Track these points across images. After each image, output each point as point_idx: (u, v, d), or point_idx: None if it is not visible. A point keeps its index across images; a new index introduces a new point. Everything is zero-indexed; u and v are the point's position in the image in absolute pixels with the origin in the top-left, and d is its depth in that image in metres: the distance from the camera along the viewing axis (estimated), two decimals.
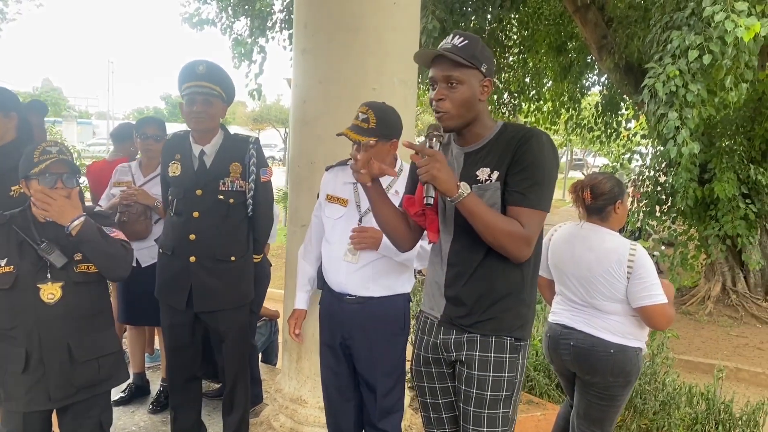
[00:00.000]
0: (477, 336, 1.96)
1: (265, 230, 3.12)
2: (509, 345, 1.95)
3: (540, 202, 1.85)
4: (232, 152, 2.94)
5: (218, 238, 2.92)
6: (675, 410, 3.85)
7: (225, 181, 2.90)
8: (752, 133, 8.20)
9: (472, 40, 1.91)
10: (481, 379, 1.95)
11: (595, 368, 2.68)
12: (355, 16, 2.94)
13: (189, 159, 2.94)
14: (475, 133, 1.96)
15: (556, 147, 1.92)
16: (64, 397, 2.32)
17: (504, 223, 1.83)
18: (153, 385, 3.95)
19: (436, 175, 1.77)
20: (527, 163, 1.84)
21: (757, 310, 8.40)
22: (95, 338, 2.38)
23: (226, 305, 2.98)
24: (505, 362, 1.95)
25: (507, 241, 1.83)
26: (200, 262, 2.91)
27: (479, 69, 1.89)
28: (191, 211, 2.91)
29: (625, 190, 2.78)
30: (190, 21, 9.84)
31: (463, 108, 1.89)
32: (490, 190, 1.88)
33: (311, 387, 3.22)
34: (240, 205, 2.96)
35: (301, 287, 2.76)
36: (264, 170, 2.99)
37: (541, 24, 10.35)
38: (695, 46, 5.39)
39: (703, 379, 4.64)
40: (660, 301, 2.58)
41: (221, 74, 2.89)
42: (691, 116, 5.69)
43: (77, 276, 2.31)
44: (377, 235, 2.40)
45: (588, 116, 12.20)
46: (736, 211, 7.54)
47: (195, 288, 2.93)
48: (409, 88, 3.10)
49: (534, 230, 1.86)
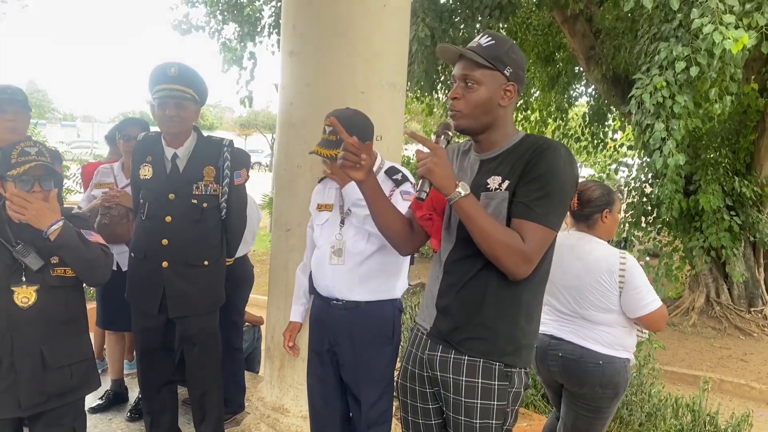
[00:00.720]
0: (464, 358, 1.84)
1: (238, 233, 3.08)
2: (498, 371, 1.82)
3: (547, 217, 1.72)
4: (205, 155, 2.90)
5: (191, 242, 2.88)
6: (661, 422, 3.82)
7: (198, 185, 2.86)
8: (737, 145, 8.27)
9: (499, 41, 1.82)
10: (469, 406, 1.83)
11: (584, 379, 2.64)
12: (344, 18, 2.90)
13: (161, 162, 2.89)
14: (493, 140, 1.86)
15: (575, 161, 1.79)
16: (35, 405, 2.24)
17: (502, 233, 1.71)
18: (131, 392, 3.87)
19: (432, 168, 1.69)
20: (538, 174, 1.72)
21: (741, 322, 8.43)
22: (69, 344, 2.32)
23: (200, 310, 2.94)
24: (494, 390, 1.82)
25: (503, 254, 1.71)
26: (173, 267, 2.87)
27: (502, 72, 1.79)
28: (164, 215, 2.87)
29: (616, 199, 2.72)
30: (179, 28, 9.78)
31: (477, 110, 1.81)
32: (496, 199, 1.78)
33: (294, 396, 3.16)
34: (213, 209, 2.92)
35: (297, 300, 2.74)
36: (238, 173, 2.95)
37: (530, 34, 10.42)
38: (682, 57, 5.41)
39: (687, 390, 4.63)
40: (658, 306, 2.56)
41: (193, 76, 2.85)
42: (678, 127, 5.71)
43: (53, 280, 2.24)
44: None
45: (575, 126, 12.29)
46: (721, 223, 7.58)
47: (168, 293, 2.88)
48: (398, 91, 3.06)
49: (535, 247, 1.72)
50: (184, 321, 2.94)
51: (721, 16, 4.92)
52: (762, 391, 6.48)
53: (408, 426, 2.05)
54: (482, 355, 1.82)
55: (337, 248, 2.45)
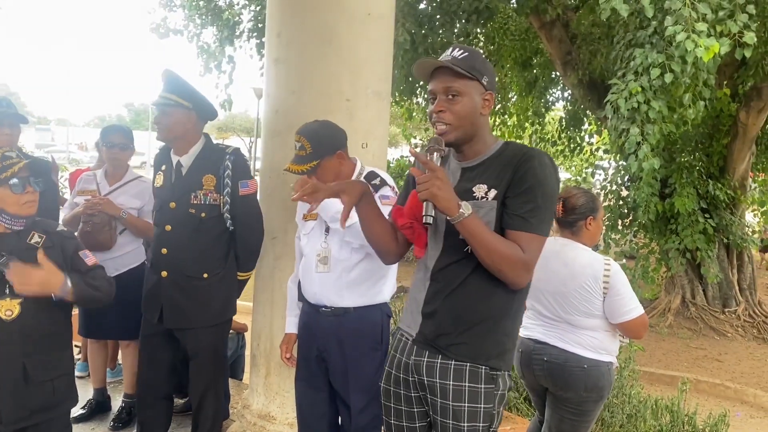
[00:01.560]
0: (451, 363, 1.87)
1: (250, 246, 2.95)
2: (484, 374, 1.85)
3: (541, 226, 1.78)
4: (207, 164, 2.84)
5: (189, 253, 2.82)
6: (641, 423, 3.89)
7: (197, 194, 2.79)
8: (711, 149, 8.45)
9: (472, 52, 1.87)
10: (456, 409, 1.86)
11: (569, 383, 2.68)
12: (329, 26, 2.91)
13: (169, 170, 2.88)
14: (475, 148, 1.90)
15: (556, 167, 1.86)
16: (17, 419, 2.19)
17: (505, 246, 1.75)
18: (114, 401, 3.83)
19: (436, 193, 1.70)
20: (528, 186, 1.76)
21: (716, 323, 8.61)
22: (51, 358, 2.27)
23: (196, 324, 2.87)
24: (480, 393, 1.85)
25: (506, 266, 1.75)
26: (171, 278, 2.83)
27: (480, 81, 1.84)
28: (164, 224, 2.84)
29: (600, 206, 2.78)
30: (158, 31, 9.71)
31: (464, 120, 1.83)
32: (485, 208, 1.81)
33: (280, 403, 3.16)
34: (213, 220, 2.83)
35: (291, 311, 2.71)
36: (244, 183, 2.84)
37: (507, 39, 10.52)
38: (657, 64, 5.52)
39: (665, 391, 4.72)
40: (639, 313, 2.62)
41: (178, 82, 2.81)
42: (653, 132, 5.82)
43: None
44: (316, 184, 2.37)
45: (552, 131, 12.46)
46: (696, 226, 7.74)
47: (165, 304, 2.85)
48: (383, 99, 3.08)
49: (535, 256, 1.78)
50: (181, 333, 2.90)
51: (693, 24, 5.03)
52: (737, 390, 6.61)
53: (391, 429, 2.06)
54: (469, 359, 1.85)
55: (323, 256, 2.47)
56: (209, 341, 2.93)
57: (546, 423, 2.88)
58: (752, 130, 8.10)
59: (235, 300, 3.04)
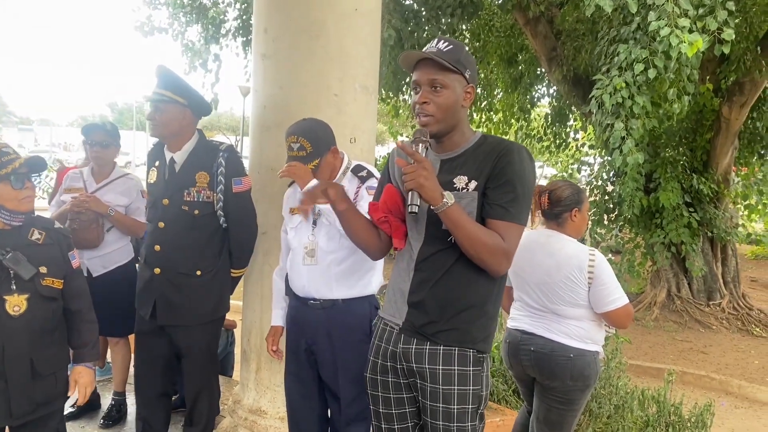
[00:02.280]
0: (440, 348, 1.92)
1: (244, 243, 2.95)
2: (472, 357, 1.92)
3: (520, 215, 1.85)
4: (200, 161, 2.83)
5: (182, 250, 2.82)
6: (628, 413, 3.93)
7: (190, 191, 2.79)
8: (694, 144, 8.53)
9: (456, 45, 1.90)
10: (446, 393, 1.91)
11: (555, 373, 2.72)
12: (317, 21, 2.92)
13: (163, 167, 2.87)
14: (454, 140, 1.95)
15: (533, 159, 1.93)
16: (25, 413, 2.24)
17: (486, 236, 1.81)
18: (104, 399, 3.82)
19: (423, 183, 1.75)
20: (508, 177, 1.83)
21: (701, 315, 8.69)
22: (55, 352, 2.33)
23: (189, 321, 2.87)
24: (469, 375, 1.92)
25: (487, 255, 1.82)
26: (164, 275, 2.82)
27: (463, 74, 1.88)
28: (157, 220, 2.84)
29: (585, 198, 2.82)
30: (142, 29, 9.65)
31: (446, 112, 1.88)
32: (466, 199, 1.86)
33: (271, 398, 3.17)
34: (207, 217, 2.82)
35: (277, 304, 2.73)
36: (238, 180, 2.83)
37: (492, 36, 10.55)
38: (641, 59, 5.57)
39: (651, 383, 4.75)
40: (624, 303, 2.65)
41: (172, 78, 2.82)
42: (637, 127, 5.87)
43: (43, 289, 2.24)
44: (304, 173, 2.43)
45: (537, 127, 12.50)
46: (680, 220, 7.81)
47: (158, 300, 2.84)
48: (370, 94, 3.10)
49: (514, 244, 1.85)
50: (173, 330, 2.89)
51: (676, 19, 5.08)
52: (722, 381, 6.69)
53: (379, 418, 2.09)
54: (457, 343, 1.92)
55: (310, 249, 2.49)
56: (202, 339, 2.94)
57: (534, 413, 2.92)
58: (735, 125, 8.19)
59: (228, 297, 3.04)
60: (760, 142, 8.71)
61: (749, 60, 7.57)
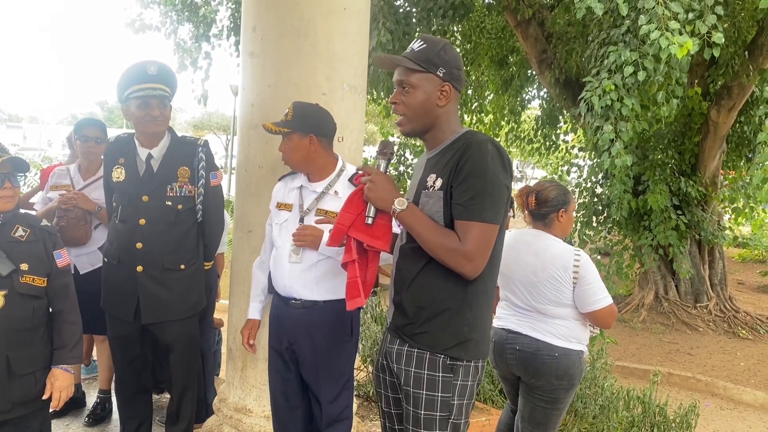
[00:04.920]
0: (415, 350, 1.91)
1: (215, 236, 3.04)
2: (442, 363, 1.87)
3: (482, 213, 1.77)
4: (180, 156, 2.86)
5: (166, 246, 2.82)
6: (614, 414, 3.95)
7: (173, 186, 2.81)
8: (683, 147, 8.59)
9: (430, 43, 1.88)
10: (416, 396, 1.90)
11: (540, 372, 2.73)
12: (305, 20, 2.92)
13: (134, 163, 2.85)
14: (437, 138, 1.94)
15: (503, 154, 1.83)
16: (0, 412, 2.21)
17: (441, 237, 1.79)
18: (89, 397, 3.81)
19: (368, 195, 1.84)
20: (466, 173, 1.78)
21: (688, 317, 8.75)
22: (34, 351, 2.28)
23: (175, 316, 2.88)
24: (438, 381, 1.88)
25: (444, 257, 1.80)
26: (148, 272, 2.81)
27: (434, 73, 1.86)
28: (137, 218, 2.81)
29: (572, 199, 2.84)
30: (133, 26, 9.62)
31: (417, 112, 1.88)
32: (433, 198, 1.86)
33: (256, 396, 3.16)
34: (189, 211, 2.86)
35: (255, 297, 2.72)
36: (214, 174, 2.91)
37: (484, 38, 10.58)
38: (630, 62, 5.60)
39: (638, 384, 4.78)
40: (608, 303, 2.67)
41: (171, 75, 2.86)
42: (626, 129, 5.90)
43: (21, 287, 2.21)
44: (317, 233, 2.39)
45: (528, 129, 12.53)
46: (668, 222, 7.86)
47: (143, 299, 2.82)
48: (359, 93, 3.10)
49: (474, 245, 1.77)
50: (158, 327, 2.89)
51: (667, 22, 5.12)
52: (707, 383, 6.74)
53: (385, 416, 2.12)
54: (428, 347, 1.89)
55: (296, 246, 2.48)
56: (187, 332, 2.96)
57: (519, 412, 2.93)
58: (723, 129, 8.25)
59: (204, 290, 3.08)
60: (748, 146, 8.77)
61: (737, 64, 7.64)
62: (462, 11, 7.79)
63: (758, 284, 11.53)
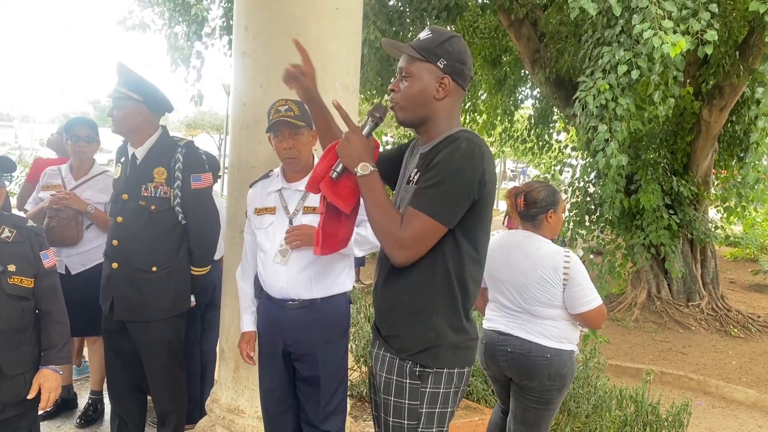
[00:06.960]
0: (388, 354, 1.88)
1: (201, 241, 2.95)
2: (409, 370, 1.82)
3: (430, 206, 1.69)
4: (159, 156, 2.85)
5: (139, 245, 2.81)
6: (606, 413, 3.96)
7: (147, 186, 2.80)
8: (675, 146, 8.62)
9: (436, 33, 1.82)
10: (385, 401, 1.87)
11: (533, 373, 2.73)
12: (297, 19, 2.91)
13: (126, 162, 2.89)
14: (429, 134, 1.87)
15: (481, 154, 1.73)
16: None
17: (384, 216, 1.73)
18: (81, 398, 3.79)
19: (339, 150, 1.79)
20: (433, 165, 1.73)
21: (680, 316, 8.78)
22: (23, 352, 2.28)
23: (145, 317, 2.85)
24: (405, 388, 1.83)
25: (381, 236, 1.75)
26: (121, 270, 2.82)
27: (434, 64, 1.79)
28: (116, 215, 2.85)
29: (560, 200, 2.84)
30: (124, 24, 9.58)
31: (411, 102, 1.82)
32: (409, 193, 1.80)
33: (249, 396, 3.15)
34: (164, 213, 2.83)
35: (246, 309, 2.69)
36: (197, 177, 2.86)
37: (477, 37, 10.58)
38: (624, 61, 5.62)
39: (631, 383, 4.79)
40: (598, 304, 2.68)
41: (130, 76, 2.82)
42: (620, 129, 5.92)
43: (9, 288, 2.20)
44: (310, 231, 2.36)
45: (521, 128, 12.55)
46: (660, 221, 7.88)
47: (115, 296, 2.84)
48: (351, 93, 3.09)
49: (411, 234, 1.69)
50: (130, 326, 2.88)
51: (660, 21, 5.13)
52: (700, 381, 6.76)
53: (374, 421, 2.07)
54: (396, 352, 1.85)
55: (285, 248, 2.46)
56: (161, 336, 2.90)
57: (511, 413, 2.93)
58: (715, 128, 8.28)
59: (187, 294, 3.00)
60: (740, 146, 8.80)
61: (728, 64, 7.66)
62: (455, 11, 7.80)
63: (750, 283, 11.58)
